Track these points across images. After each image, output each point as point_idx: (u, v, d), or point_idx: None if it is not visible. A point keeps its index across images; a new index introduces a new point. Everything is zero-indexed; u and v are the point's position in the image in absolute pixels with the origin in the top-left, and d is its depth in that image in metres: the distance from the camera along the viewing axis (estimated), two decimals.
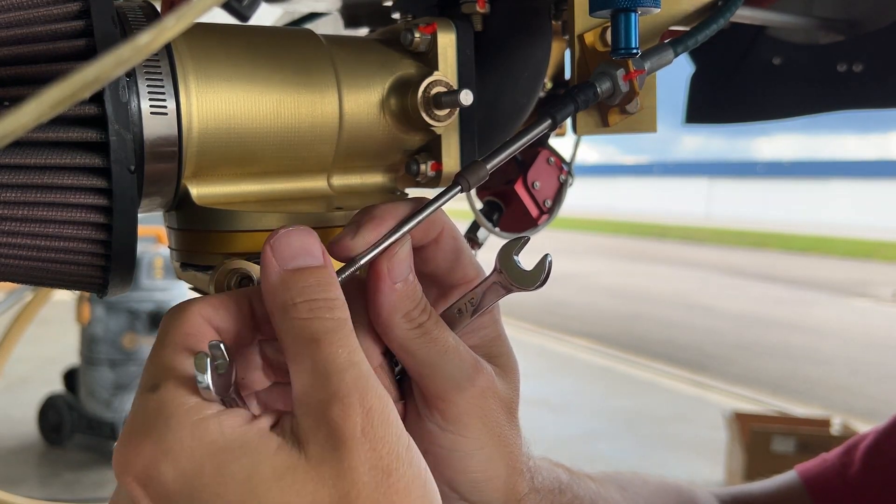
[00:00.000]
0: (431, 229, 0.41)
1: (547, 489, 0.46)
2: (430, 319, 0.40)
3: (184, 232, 0.42)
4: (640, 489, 0.61)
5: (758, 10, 0.65)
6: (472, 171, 0.41)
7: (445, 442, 0.41)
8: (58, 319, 4.63)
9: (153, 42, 0.24)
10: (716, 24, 0.48)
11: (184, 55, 0.39)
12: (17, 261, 0.36)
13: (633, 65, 0.45)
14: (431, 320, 0.40)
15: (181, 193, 0.41)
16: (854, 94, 0.79)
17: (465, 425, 0.41)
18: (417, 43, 0.46)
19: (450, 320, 0.41)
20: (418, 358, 0.39)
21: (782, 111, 0.86)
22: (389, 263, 0.39)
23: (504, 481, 0.43)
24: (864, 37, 0.73)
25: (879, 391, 5.38)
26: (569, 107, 0.44)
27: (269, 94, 0.41)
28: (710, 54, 0.85)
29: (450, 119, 0.46)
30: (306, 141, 0.43)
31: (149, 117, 0.37)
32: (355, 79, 0.45)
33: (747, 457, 3.44)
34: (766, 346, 6.62)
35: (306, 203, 0.44)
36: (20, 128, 0.22)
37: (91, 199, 0.35)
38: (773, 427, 3.48)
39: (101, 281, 0.38)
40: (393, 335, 0.39)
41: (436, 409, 0.40)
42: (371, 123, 0.45)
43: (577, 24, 0.48)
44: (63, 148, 0.34)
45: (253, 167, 0.43)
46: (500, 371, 0.43)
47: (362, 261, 0.38)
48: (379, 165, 0.48)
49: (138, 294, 3.80)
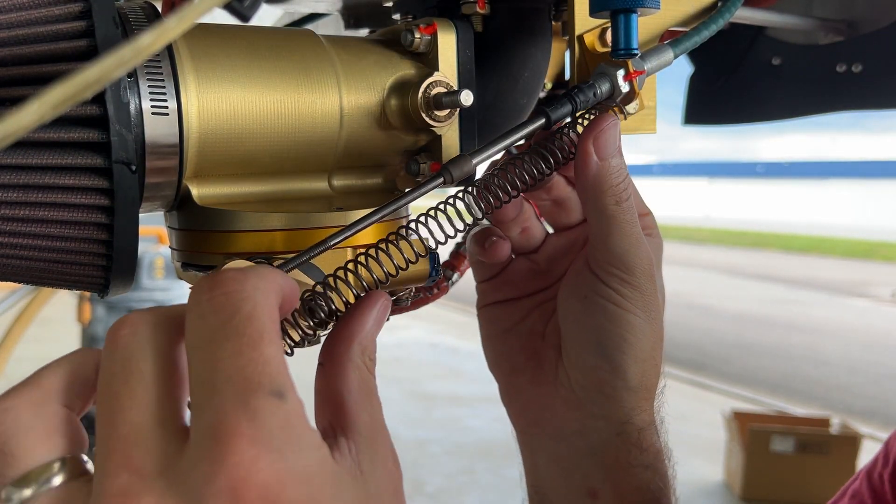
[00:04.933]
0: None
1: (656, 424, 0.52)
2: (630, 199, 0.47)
3: (185, 232, 0.43)
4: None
5: (757, 10, 0.65)
6: (457, 165, 0.41)
7: (613, 298, 0.47)
8: (58, 319, 4.64)
9: (154, 43, 0.24)
10: (715, 25, 0.48)
11: (185, 56, 0.39)
12: (19, 260, 0.36)
13: (632, 65, 0.45)
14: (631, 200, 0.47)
15: (182, 193, 0.41)
16: (854, 94, 0.79)
17: (636, 286, 0.47)
18: (417, 43, 0.46)
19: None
20: (613, 219, 0.46)
21: (782, 112, 0.87)
22: (595, 142, 0.45)
23: (646, 359, 0.48)
24: (863, 37, 0.73)
25: (878, 391, 5.38)
26: (566, 106, 0.45)
27: (269, 94, 0.42)
28: (709, 55, 0.85)
29: (450, 119, 0.46)
30: (307, 141, 0.43)
31: (150, 118, 0.37)
32: (355, 79, 0.45)
33: (746, 456, 3.44)
34: (765, 346, 6.62)
35: (307, 203, 0.44)
36: (22, 128, 0.23)
37: (92, 199, 0.35)
38: (772, 426, 3.48)
39: (103, 280, 0.39)
40: (599, 202, 0.46)
41: (612, 264, 0.47)
42: (371, 124, 0.45)
43: (577, 25, 0.48)
44: (64, 148, 0.35)
45: (253, 167, 0.43)
46: (655, 261, 0.50)
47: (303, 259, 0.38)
48: (379, 166, 0.48)
49: (139, 294, 3.79)
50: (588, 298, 0.48)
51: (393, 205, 0.40)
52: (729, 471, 3.64)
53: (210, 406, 0.27)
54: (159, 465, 0.27)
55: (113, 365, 0.29)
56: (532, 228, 0.52)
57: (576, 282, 0.49)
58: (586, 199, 0.47)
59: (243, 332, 0.28)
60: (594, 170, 0.45)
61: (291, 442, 0.27)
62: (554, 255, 0.52)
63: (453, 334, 6.46)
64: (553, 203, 0.51)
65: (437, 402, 4.73)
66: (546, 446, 0.53)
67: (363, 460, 0.31)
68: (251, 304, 0.29)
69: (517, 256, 0.53)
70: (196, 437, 0.27)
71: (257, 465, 0.25)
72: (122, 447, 0.28)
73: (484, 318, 0.55)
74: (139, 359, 0.29)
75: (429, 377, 5.22)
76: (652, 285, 0.47)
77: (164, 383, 0.29)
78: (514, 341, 0.54)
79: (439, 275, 0.47)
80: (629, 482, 0.49)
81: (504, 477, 3.60)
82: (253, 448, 0.26)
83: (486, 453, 3.89)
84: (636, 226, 0.47)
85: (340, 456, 0.31)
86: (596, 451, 0.50)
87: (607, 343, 0.47)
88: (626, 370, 0.47)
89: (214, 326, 0.28)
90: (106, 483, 0.27)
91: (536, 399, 0.52)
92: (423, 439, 4.07)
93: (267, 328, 0.28)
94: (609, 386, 0.48)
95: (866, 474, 0.68)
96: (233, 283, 0.29)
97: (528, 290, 0.53)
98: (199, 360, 0.28)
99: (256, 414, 0.26)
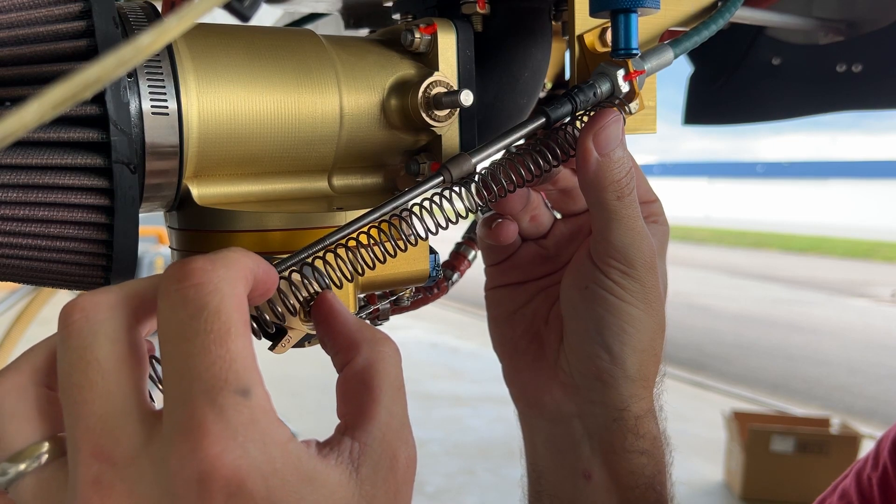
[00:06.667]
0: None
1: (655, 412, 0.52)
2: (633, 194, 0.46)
3: (185, 232, 0.43)
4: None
5: (757, 10, 0.65)
6: (457, 164, 0.41)
7: (614, 290, 0.47)
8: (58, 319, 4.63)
9: (154, 43, 0.24)
10: (715, 25, 0.48)
11: (185, 56, 0.39)
12: (18, 261, 0.36)
13: (633, 65, 0.45)
14: (634, 195, 0.46)
15: (182, 193, 0.41)
16: (854, 94, 0.79)
17: (636, 279, 0.47)
18: (417, 43, 0.46)
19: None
20: (615, 213, 0.46)
21: (782, 112, 0.87)
22: (595, 138, 0.45)
23: (644, 349, 0.48)
24: (863, 37, 0.73)
25: (878, 391, 5.38)
26: (566, 106, 0.45)
27: (269, 94, 0.42)
28: (709, 55, 0.85)
29: (450, 119, 0.46)
30: (307, 141, 0.43)
31: (150, 117, 0.37)
32: (356, 79, 0.45)
33: (746, 456, 3.44)
34: (765, 346, 6.62)
35: (307, 203, 0.44)
36: (22, 128, 0.23)
37: (92, 199, 0.35)
38: (772, 426, 3.48)
39: (103, 281, 0.39)
40: (601, 195, 0.46)
41: (613, 257, 0.47)
42: (371, 124, 0.45)
43: (577, 25, 0.48)
44: (64, 148, 0.35)
45: (254, 167, 0.43)
46: (660, 248, 0.50)
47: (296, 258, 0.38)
48: (379, 165, 0.48)
49: None
50: (589, 289, 0.49)
51: (392, 204, 0.40)
52: (729, 471, 3.63)
53: (180, 399, 0.28)
54: (129, 453, 0.29)
55: (69, 354, 0.30)
56: (541, 216, 0.53)
57: (578, 272, 0.50)
58: (588, 194, 0.47)
59: (210, 329, 0.28)
60: (594, 166, 0.45)
61: (255, 438, 0.28)
62: (561, 241, 0.53)
63: (453, 334, 6.46)
64: (560, 192, 0.52)
65: (437, 402, 4.73)
66: (544, 427, 0.54)
67: (365, 463, 0.31)
68: (219, 297, 0.29)
69: (526, 241, 0.54)
70: (167, 429, 0.28)
71: (222, 460, 0.27)
72: (91, 437, 0.29)
73: (490, 301, 0.57)
74: (95, 347, 0.30)
75: (429, 377, 5.22)
76: (653, 277, 0.48)
77: (124, 370, 0.30)
78: (519, 324, 0.55)
79: (439, 275, 0.47)
80: (624, 466, 0.51)
81: (504, 477, 3.60)
82: (218, 444, 0.27)
83: (486, 453, 3.89)
84: (638, 219, 0.47)
85: (332, 454, 0.31)
86: (592, 436, 0.51)
87: (607, 333, 0.48)
88: (625, 360, 0.48)
89: (183, 320, 0.29)
90: (79, 472, 0.28)
91: (536, 382, 0.53)
92: (423, 439, 4.07)
93: (234, 322, 0.29)
94: (608, 374, 0.49)
95: (856, 474, 0.69)
96: (201, 275, 0.30)
97: (534, 275, 0.54)
98: (170, 353, 0.29)
99: (223, 411, 0.27)
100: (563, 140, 0.46)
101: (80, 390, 0.29)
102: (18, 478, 0.30)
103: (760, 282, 10.38)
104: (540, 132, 0.46)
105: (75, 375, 0.29)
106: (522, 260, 0.54)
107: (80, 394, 0.29)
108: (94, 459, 0.28)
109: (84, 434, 0.29)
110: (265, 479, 0.28)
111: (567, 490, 0.53)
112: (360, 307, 0.48)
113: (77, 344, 0.30)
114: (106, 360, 0.30)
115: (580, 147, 0.46)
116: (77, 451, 0.29)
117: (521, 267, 0.55)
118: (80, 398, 0.29)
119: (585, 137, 0.45)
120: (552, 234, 0.53)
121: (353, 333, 0.35)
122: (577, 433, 0.52)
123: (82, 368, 0.29)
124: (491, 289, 0.57)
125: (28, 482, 0.30)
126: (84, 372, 0.29)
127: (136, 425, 0.29)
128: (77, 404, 0.29)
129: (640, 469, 0.50)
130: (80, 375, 0.29)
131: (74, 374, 0.29)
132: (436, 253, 0.47)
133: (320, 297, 0.37)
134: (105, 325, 0.30)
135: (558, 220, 0.54)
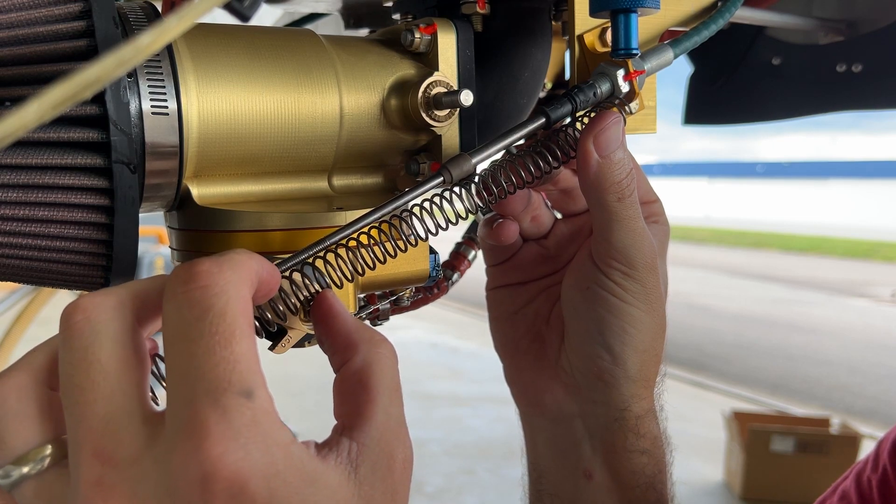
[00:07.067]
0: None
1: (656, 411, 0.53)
2: (634, 195, 0.47)
3: (185, 232, 0.43)
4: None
5: (757, 10, 0.65)
6: (457, 164, 0.42)
7: (615, 291, 0.48)
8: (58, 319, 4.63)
9: (154, 42, 0.24)
10: (715, 25, 0.48)
11: (184, 55, 0.39)
12: (18, 261, 0.36)
13: (632, 65, 0.45)
14: (634, 196, 0.47)
15: (182, 193, 0.41)
16: (853, 94, 0.79)
17: (637, 280, 0.47)
18: (417, 43, 0.46)
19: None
20: (616, 215, 0.46)
21: (782, 112, 0.87)
22: (595, 140, 0.45)
23: (645, 349, 0.48)
24: (863, 37, 0.73)
25: (878, 391, 5.38)
26: (566, 106, 0.45)
27: (269, 94, 0.42)
28: (709, 55, 0.85)
29: (450, 119, 0.46)
30: (307, 141, 0.43)
31: (150, 117, 0.37)
32: (355, 79, 0.45)
33: (746, 456, 3.44)
34: (765, 346, 6.62)
35: (307, 203, 0.44)
36: (22, 128, 0.23)
37: (92, 199, 0.35)
38: (772, 426, 3.48)
39: (103, 281, 0.39)
40: (601, 196, 0.46)
41: (614, 258, 0.47)
42: (371, 124, 0.45)
43: (577, 25, 0.48)
44: (64, 148, 0.35)
45: (254, 167, 0.43)
46: (660, 248, 0.50)
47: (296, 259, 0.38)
48: (379, 166, 0.48)
49: None
50: (590, 290, 0.49)
51: (393, 204, 0.40)
52: (729, 471, 3.63)
53: (184, 400, 0.28)
54: (131, 454, 0.29)
55: (71, 355, 0.30)
56: (542, 216, 0.53)
57: (579, 273, 0.50)
58: (588, 195, 0.47)
59: (215, 331, 0.29)
60: (595, 168, 0.45)
61: (257, 440, 0.28)
62: (562, 240, 0.53)
63: (453, 334, 6.46)
64: (560, 192, 0.52)
65: (437, 402, 4.73)
66: (545, 427, 0.54)
67: (363, 464, 0.31)
68: (224, 299, 0.29)
69: (527, 242, 0.54)
70: (170, 429, 0.28)
71: (224, 461, 0.27)
72: (93, 439, 0.29)
73: (492, 301, 0.57)
74: (96, 348, 0.30)
75: (429, 377, 5.22)
76: (654, 278, 0.48)
77: (126, 371, 0.30)
78: (520, 324, 0.55)
79: (439, 275, 0.47)
80: (624, 465, 0.51)
81: (504, 477, 3.60)
82: (220, 445, 0.27)
83: (486, 453, 3.89)
84: (639, 220, 0.47)
85: (331, 454, 0.31)
86: (593, 435, 0.52)
87: (608, 333, 0.48)
88: (626, 360, 0.48)
89: (189, 321, 0.29)
90: (81, 473, 0.28)
91: (538, 381, 0.54)
92: (423, 439, 4.07)
93: (238, 324, 0.29)
94: (609, 374, 0.49)
95: (856, 476, 0.69)
96: (207, 277, 0.30)
97: (535, 275, 0.55)
98: (175, 354, 0.29)
99: (226, 412, 0.28)
100: (563, 141, 0.46)
101: (81, 391, 0.29)
102: (22, 480, 0.30)
103: (760, 282, 10.38)
104: (540, 133, 0.46)
105: (77, 376, 0.29)
106: (523, 260, 0.55)
107: (82, 395, 0.29)
108: (96, 460, 0.28)
109: (86, 435, 0.29)
110: (267, 481, 0.28)
111: (568, 489, 0.53)
112: (361, 307, 0.48)
113: (79, 345, 0.30)
114: (108, 361, 0.30)
115: (581, 149, 0.46)
116: (79, 452, 0.29)
117: (522, 267, 0.55)
118: (81, 399, 0.29)
119: (586, 139, 0.45)
120: (553, 234, 0.54)
121: (351, 334, 0.35)
122: (578, 433, 0.52)
123: (84, 369, 0.29)
124: (492, 289, 0.57)
125: (31, 485, 0.30)
126: (86, 373, 0.29)
127: (139, 426, 0.29)
128: (79, 405, 0.29)
129: (640, 469, 0.51)
130: (81, 376, 0.29)
131: (76, 375, 0.29)
132: (436, 253, 0.47)
133: (319, 296, 0.37)
134: (107, 326, 0.30)
135: (559, 219, 0.54)
